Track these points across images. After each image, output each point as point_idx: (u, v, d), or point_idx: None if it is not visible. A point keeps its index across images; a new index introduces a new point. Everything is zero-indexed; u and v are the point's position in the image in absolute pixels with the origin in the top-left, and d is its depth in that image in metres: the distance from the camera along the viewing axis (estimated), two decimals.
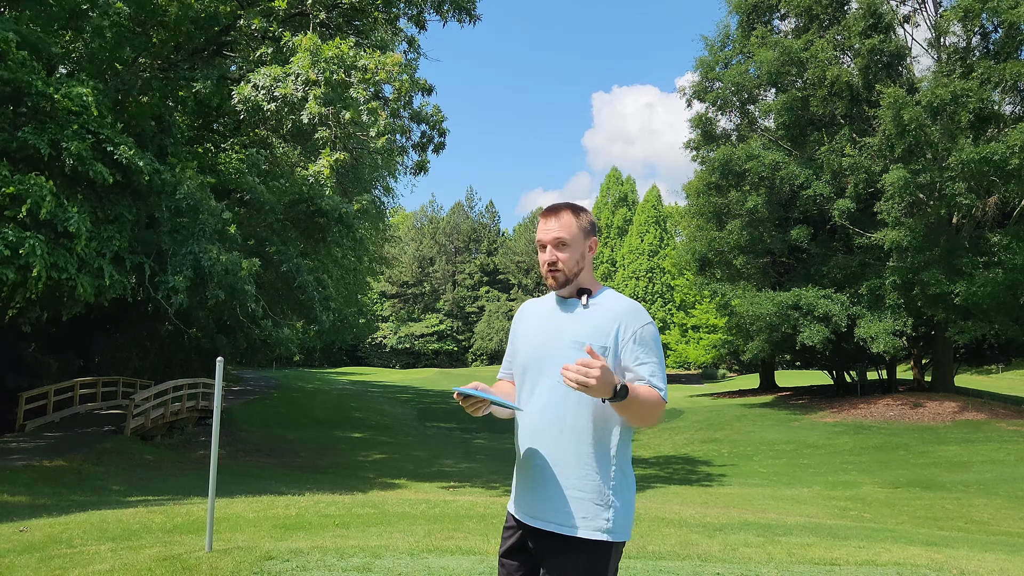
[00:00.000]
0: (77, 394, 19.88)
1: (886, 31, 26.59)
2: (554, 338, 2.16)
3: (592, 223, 2.23)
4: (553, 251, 2.16)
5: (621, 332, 2.11)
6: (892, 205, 24.64)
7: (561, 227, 2.17)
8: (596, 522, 2.05)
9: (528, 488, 2.16)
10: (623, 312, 2.15)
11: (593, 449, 2.09)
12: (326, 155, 13.51)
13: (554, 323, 2.20)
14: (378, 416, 31.80)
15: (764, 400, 34.56)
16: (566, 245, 2.17)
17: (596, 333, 2.11)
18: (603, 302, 2.19)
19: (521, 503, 2.18)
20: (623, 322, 2.12)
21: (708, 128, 32.29)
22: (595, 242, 2.24)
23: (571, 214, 2.20)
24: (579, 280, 2.20)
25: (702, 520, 8.07)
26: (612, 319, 2.13)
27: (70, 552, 5.49)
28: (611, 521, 2.06)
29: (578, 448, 2.09)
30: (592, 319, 2.14)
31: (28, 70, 12.12)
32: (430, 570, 4.83)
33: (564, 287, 2.19)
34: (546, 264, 2.18)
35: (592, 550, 2.05)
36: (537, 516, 2.11)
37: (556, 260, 2.16)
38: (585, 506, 2.06)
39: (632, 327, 2.12)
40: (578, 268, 2.18)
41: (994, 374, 47.26)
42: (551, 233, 2.17)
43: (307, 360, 63.52)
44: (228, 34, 16.25)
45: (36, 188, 11.36)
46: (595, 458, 2.09)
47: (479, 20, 17.10)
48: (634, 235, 62.72)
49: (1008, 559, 6.20)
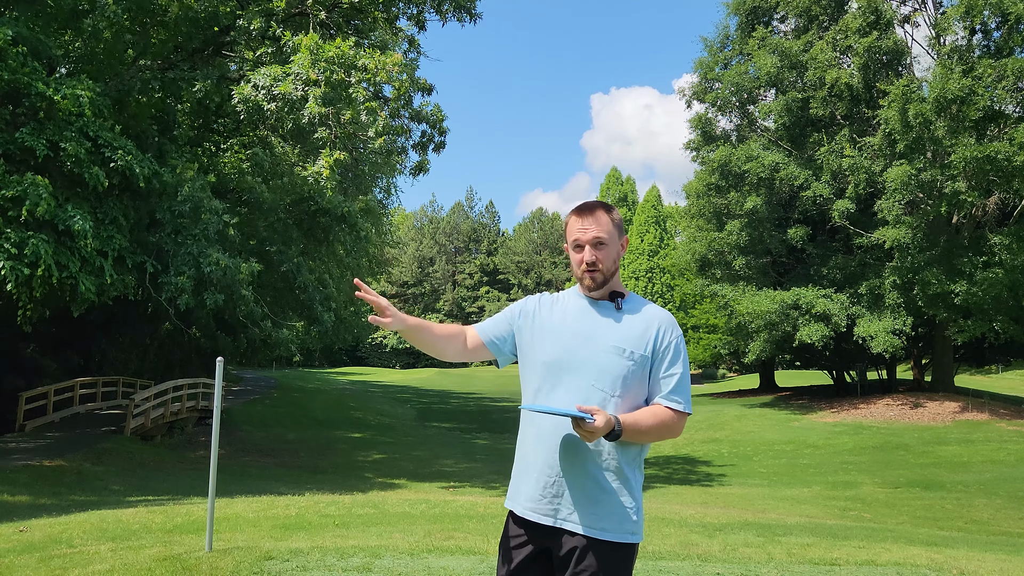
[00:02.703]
0: (77, 394, 19.87)
1: (885, 28, 26.58)
2: (588, 341, 2.12)
3: (621, 223, 2.21)
4: (592, 251, 2.13)
5: (659, 342, 2.12)
6: (893, 203, 24.63)
7: (599, 226, 2.14)
8: (626, 524, 2.05)
9: (542, 488, 2.09)
10: (660, 319, 2.16)
11: (621, 453, 2.08)
12: (326, 155, 13.50)
13: (588, 327, 2.15)
14: (378, 416, 31.80)
15: (764, 400, 34.56)
16: (604, 244, 2.14)
17: (634, 340, 2.11)
18: (636, 307, 2.19)
19: (538, 504, 2.10)
20: (662, 329, 2.14)
21: (708, 129, 32.28)
22: (626, 241, 2.23)
23: (605, 213, 2.17)
24: (613, 283, 2.19)
25: (702, 520, 8.07)
26: (649, 326, 2.14)
27: (70, 552, 5.48)
28: (637, 523, 2.08)
29: (609, 451, 2.06)
30: (629, 326, 2.14)
31: (28, 70, 12.12)
32: (430, 570, 4.83)
33: (600, 288, 2.16)
34: (584, 264, 2.14)
35: (621, 553, 2.05)
36: (563, 519, 2.06)
37: (595, 260, 2.13)
38: (615, 508, 2.05)
39: (670, 337, 2.14)
40: (615, 268, 2.17)
41: (994, 374, 47.25)
42: (590, 232, 2.13)
43: (307, 360, 63.46)
44: (228, 34, 16.24)
45: (33, 188, 11.39)
46: (623, 461, 2.08)
47: (479, 18, 17.07)
48: (634, 235, 62.63)
49: (1008, 559, 6.20)
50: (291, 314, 21.14)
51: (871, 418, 26.09)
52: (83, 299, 12.75)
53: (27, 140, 11.83)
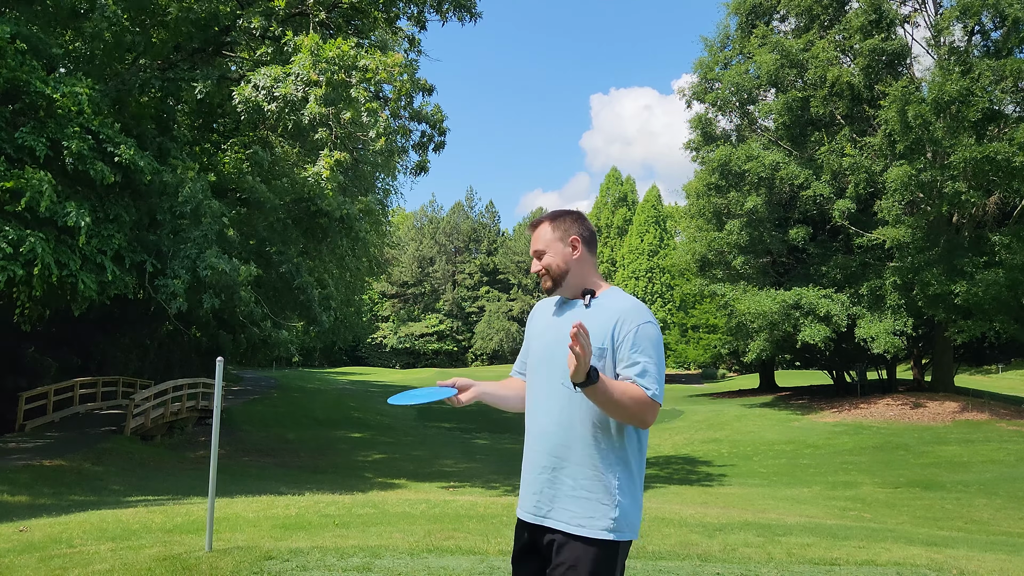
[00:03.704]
0: (77, 394, 19.87)
1: (887, 29, 26.58)
2: (559, 338, 2.20)
3: (574, 226, 2.29)
4: (537, 261, 2.31)
5: (617, 330, 2.13)
6: (893, 203, 24.63)
7: (538, 239, 2.31)
8: (602, 521, 2.08)
9: (534, 487, 2.18)
10: (622, 310, 2.16)
11: (599, 449, 2.11)
12: (326, 156, 13.49)
13: (557, 324, 2.26)
14: (378, 416, 31.79)
15: (764, 400, 34.57)
16: (543, 252, 2.29)
17: (595, 333, 2.11)
18: (606, 302, 2.22)
19: (527, 502, 2.21)
20: (620, 320, 2.13)
21: (708, 129, 32.26)
22: (576, 240, 2.28)
23: (547, 224, 2.32)
24: (576, 281, 2.27)
25: (702, 520, 8.07)
26: (610, 318, 2.15)
27: (70, 552, 5.48)
28: (616, 521, 2.08)
29: (586, 449, 2.11)
30: (593, 320, 2.15)
31: (27, 68, 12.11)
32: (430, 570, 4.83)
33: (558, 289, 2.29)
34: (536, 274, 2.34)
35: (599, 549, 2.07)
36: (545, 516, 2.14)
37: (540, 268, 2.30)
38: (591, 505, 2.08)
39: (627, 326, 2.12)
40: (563, 269, 2.26)
41: (994, 374, 47.24)
42: (533, 246, 2.34)
43: (307, 360, 63.50)
44: (228, 34, 16.23)
45: (36, 182, 11.34)
46: (601, 458, 2.11)
47: (480, 18, 17.06)
48: (634, 235, 62.68)
49: (1008, 559, 6.20)
50: (290, 314, 21.14)
51: (871, 418, 26.09)
52: (84, 297, 12.74)
53: (27, 140, 11.80)
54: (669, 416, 32.04)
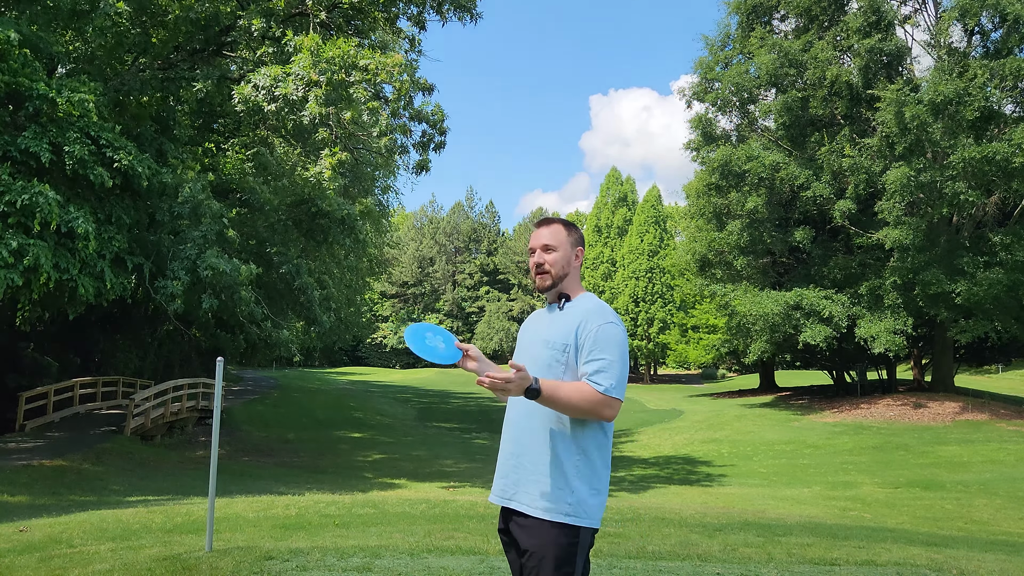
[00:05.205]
0: (77, 394, 19.87)
1: (886, 29, 26.57)
2: (533, 339, 2.40)
3: (580, 238, 2.45)
4: (541, 254, 2.38)
5: (580, 330, 2.27)
6: (893, 204, 24.62)
7: (551, 234, 2.40)
8: (559, 505, 2.20)
9: (503, 471, 2.35)
10: (586, 311, 2.31)
11: (559, 438, 2.25)
12: (327, 156, 13.49)
13: (535, 327, 2.44)
14: (378, 416, 31.80)
15: (764, 400, 34.56)
16: (554, 249, 2.38)
17: (561, 332, 2.29)
18: (577, 305, 2.36)
19: (496, 485, 2.37)
20: (584, 321, 2.28)
21: (708, 129, 32.22)
22: (581, 252, 2.44)
23: (563, 227, 2.43)
24: (563, 286, 2.39)
25: (702, 520, 8.07)
26: (575, 318, 2.30)
27: (70, 552, 5.49)
28: (573, 506, 2.20)
29: (544, 436, 2.26)
30: (562, 321, 2.32)
31: (30, 71, 12.10)
32: (430, 570, 4.83)
33: (550, 289, 2.39)
34: (535, 267, 2.40)
35: (558, 532, 2.18)
36: (510, 498, 2.29)
37: (543, 262, 2.37)
38: (549, 489, 2.21)
39: (590, 326, 2.26)
40: (564, 271, 2.38)
41: (994, 374, 47.25)
42: (541, 239, 2.40)
43: (307, 360, 63.47)
44: (228, 34, 16.23)
45: (44, 200, 11.37)
46: (560, 446, 2.24)
47: (480, 18, 17.05)
48: (634, 235, 62.57)
49: (1008, 559, 6.20)
50: (290, 315, 21.14)
51: (871, 418, 26.08)
52: (80, 302, 12.73)
53: (31, 145, 11.80)
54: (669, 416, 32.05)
